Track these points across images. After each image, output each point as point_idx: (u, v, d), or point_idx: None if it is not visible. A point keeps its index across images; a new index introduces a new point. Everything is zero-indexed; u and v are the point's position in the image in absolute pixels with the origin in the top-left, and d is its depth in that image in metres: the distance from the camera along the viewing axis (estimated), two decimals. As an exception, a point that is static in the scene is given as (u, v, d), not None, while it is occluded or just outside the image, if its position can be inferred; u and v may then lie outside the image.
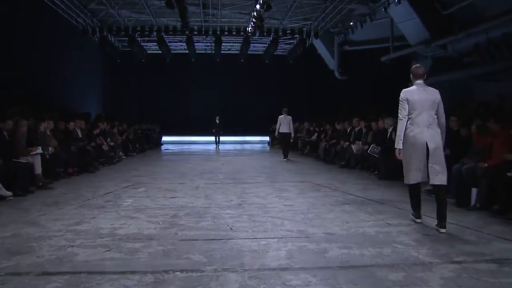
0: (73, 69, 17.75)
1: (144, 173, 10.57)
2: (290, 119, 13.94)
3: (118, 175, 10.04)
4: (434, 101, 4.98)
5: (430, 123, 4.93)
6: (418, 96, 5.00)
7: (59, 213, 5.87)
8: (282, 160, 13.79)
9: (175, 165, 12.69)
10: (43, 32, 14.56)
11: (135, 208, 6.16)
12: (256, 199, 6.99)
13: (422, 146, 4.91)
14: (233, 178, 9.69)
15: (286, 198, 7.04)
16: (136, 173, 10.46)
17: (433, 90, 5.09)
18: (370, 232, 4.88)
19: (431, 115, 4.95)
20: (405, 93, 5.06)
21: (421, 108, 4.96)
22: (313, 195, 7.33)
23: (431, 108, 4.96)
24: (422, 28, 13.47)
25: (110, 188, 8.02)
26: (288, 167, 12.02)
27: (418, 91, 5.05)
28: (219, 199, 6.95)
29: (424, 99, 4.98)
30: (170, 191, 7.77)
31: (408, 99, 5.01)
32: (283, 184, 8.71)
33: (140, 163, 13.28)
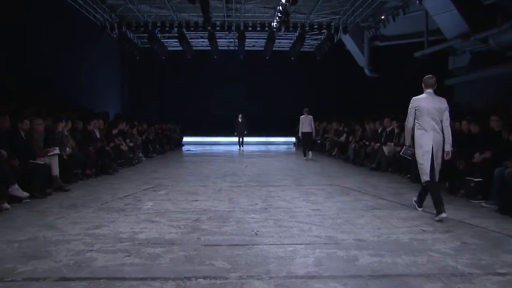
0: (91, 67, 18.04)
1: (165, 175, 10.66)
2: (311, 118, 14.93)
3: (138, 177, 10.16)
4: (441, 108, 5.86)
5: (435, 128, 5.85)
6: (426, 104, 5.89)
7: (77, 216, 5.96)
8: (304, 159, 14.86)
9: (197, 167, 12.76)
10: (60, 29, 14.82)
11: (155, 212, 6.22)
12: (282, 203, 6.98)
13: (428, 148, 5.86)
14: (258, 180, 9.70)
15: (313, 202, 7.01)
16: (157, 175, 10.56)
17: (441, 99, 5.94)
18: (404, 239, 4.81)
19: (437, 121, 5.85)
20: (414, 102, 6.00)
21: (428, 115, 5.87)
22: (342, 199, 7.28)
23: (438, 116, 5.86)
24: (461, 20, 13.18)
25: (130, 191, 8.11)
26: (315, 170, 11.96)
27: (427, 100, 5.93)
28: (243, 203, 6.95)
29: (432, 107, 5.87)
30: (192, 194, 7.81)
31: (417, 106, 5.95)
32: (310, 187, 8.68)
33: (161, 164, 13.39)
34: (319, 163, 13.91)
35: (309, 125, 14.87)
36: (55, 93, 14.30)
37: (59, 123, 9.24)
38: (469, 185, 7.36)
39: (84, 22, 16.99)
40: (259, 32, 20.01)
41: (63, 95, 15.06)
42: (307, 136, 15.06)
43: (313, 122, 15.07)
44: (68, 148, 9.19)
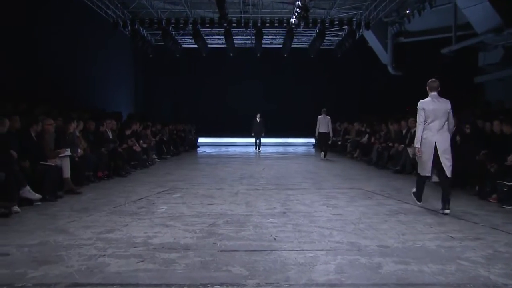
0: (103, 65, 18.23)
1: (180, 177, 10.72)
2: (329, 119, 15.88)
3: (152, 180, 10.22)
4: (446, 110, 6.63)
5: (440, 128, 6.60)
6: (432, 106, 6.66)
7: (89, 220, 6.02)
8: (321, 159, 15.68)
9: (213, 169, 12.80)
10: (70, 27, 14.96)
11: (170, 216, 6.25)
12: (301, 207, 6.97)
13: (431, 146, 6.58)
14: (276, 183, 9.69)
15: (334, 206, 6.99)
16: (171, 178, 10.62)
17: (445, 100, 6.71)
18: (430, 246, 4.75)
19: (442, 121, 6.61)
20: (421, 104, 6.77)
21: (434, 116, 6.63)
22: (364, 203, 7.25)
23: (443, 116, 6.62)
24: (493, 13, 12.95)
25: (143, 194, 8.16)
26: (336, 172, 11.91)
27: (432, 102, 6.70)
28: (261, 207, 6.95)
29: (437, 109, 6.64)
30: (207, 197, 7.84)
31: (424, 108, 6.69)
32: (331, 191, 8.65)
33: (175, 166, 13.47)
34: (340, 165, 13.84)
35: (327, 125, 15.76)
36: (66, 92, 14.46)
37: (71, 123, 9.32)
38: (502, 189, 7.24)
39: (95, 19, 17.14)
40: (277, 28, 19.99)
41: (74, 95, 15.23)
42: (324, 137, 15.96)
43: (330, 122, 15.92)
44: (80, 150, 9.28)
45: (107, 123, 11.42)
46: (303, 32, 21.89)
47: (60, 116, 9.76)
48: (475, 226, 5.43)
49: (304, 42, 23.54)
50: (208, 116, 23.99)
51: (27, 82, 12.17)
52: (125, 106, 20.97)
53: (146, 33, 21.71)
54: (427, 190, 8.96)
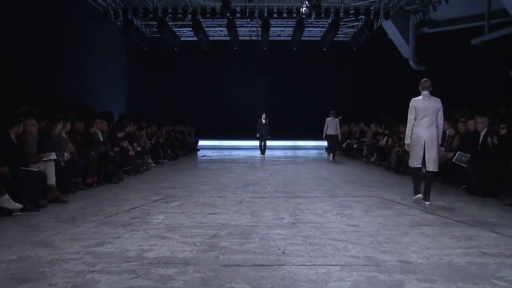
0: (92, 60, 18.22)
1: (178, 184, 10.73)
2: (337, 121, 17.47)
3: (147, 187, 10.24)
4: (436, 108, 7.96)
5: (430, 126, 7.94)
6: (423, 104, 8.01)
7: (76, 231, 6.01)
8: (330, 161, 17.10)
9: (214, 175, 12.81)
10: (56, 16, 14.89)
11: (167, 227, 6.24)
12: (312, 217, 6.96)
13: (421, 141, 7.99)
14: (284, 191, 9.69)
15: (349, 217, 6.97)
16: (168, 184, 10.63)
17: (436, 99, 8.04)
18: (459, 263, 4.72)
19: (432, 119, 7.95)
20: (413, 102, 8.12)
21: (424, 114, 7.97)
22: (383, 214, 7.22)
23: (433, 114, 7.96)
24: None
25: (137, 202, 8.17)
26: (351, 179, 11.90)
27: (423, 100, 8.05)
28: (268, 217, 6.95)
29: (428, 107, 7.97)
30: (208, 206, 7.84)
31: (415, 106, 8.06)
32: (345, 199, 8.64)
33: (173, 172, 13.50)
34: (355, 170, 13.81)
35: (335, 128, 17.34)
36: (51, 89, 14.44)
37: (56, 124, 9.26)
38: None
39: (84, 8, 17.11)
40: (285, 19, 20.01)
41: (60, 92, 15.21)
42: (332, 139, 17.59)
43: (339, 125, 17.57)
44: (66, 153, 9.26)
45: (97, 124, 11.42)
46: (315, 23, 21.88)
47: (44, 116, 9.76)
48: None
49: (316, 34, 23.54)
50: (209, 116, 24.02)
51: (7, 78, 12.10)
52: (117, 105, 20.98)
53: (140, 23, 21.75)
54: (457, 197, 8.95)
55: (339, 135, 17.85)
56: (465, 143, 10.31)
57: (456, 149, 10.43)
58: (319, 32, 23.24)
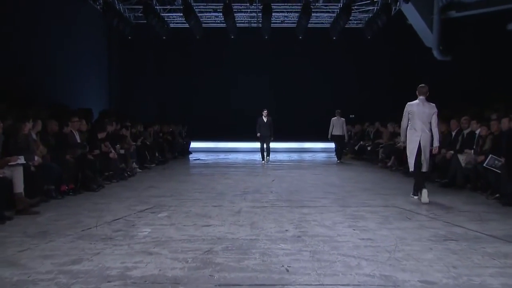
0: (68, 49, 18.04)
1: (167, 192, 10.73)
2: (343, 121, 18.62)
3: (131, 195, 10.24)
4: (430, 113, 9.39)
5: (423, 129, 9.39)
6: (417, 109, 9.42)
7: (48, 247, 5.99)
8: (336, 163, 18.23)
9: (209, 181, 12.81)
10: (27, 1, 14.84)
11: (154, 241, 6.25)
12: (320, 229, 6.96)
13: (415, 145, 9.42)
14: (289, 199, 9.71)
15: (363, 229, 6.97)
16: (156, 192, 10.64)
17: (431, 105, 9.44)
18: (493, 284, 4.72)
19: (425, 123, 9.38)
20: (408, 106, 9.61)
21: (418, 118, 9.40)
22: (402, 226, 7.21)
23: (427, 119, 9.38)
24: None
25: (120, 213, 8.17)
26: (365, 186, 11.91)
27: (418, 105, 9.45)
28: (270, 229, 6.95)
29: (422, 112, 9.39)
30: (202, 217, 7.85)
31: (410, 110, 9.52)
32: (358, 209, 8.65)
33: (161, 178, 13.50)
34: (370, 176, 13.80)
35: (341, 127, 18.56)
36: (19, 83, 14.29)
37: (25, 123, 9.17)
38: None
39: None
40: (290, 3, 19.99)
41: (31, 87, 15.02)
42: (339, 140, 18.80)
43: (345, 125, 18.76)
44: (37, 157, 9.22)
45: (73, 123, 11.39)
46: (323, 7, 21.90)
47: (10, 113, 9.71)
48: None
49: (325, 20, 23.55)
50: (202, 114, 24.01)
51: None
52: (96, 101, 20.91)
53: (123, 8, 21.70)
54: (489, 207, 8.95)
55: (345, 135, 19.16)
56: (499, 144, 10.17)
57: (488, 152, 10.37)
58: (328, 18, 23.25)
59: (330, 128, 18.62)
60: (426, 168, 9.64)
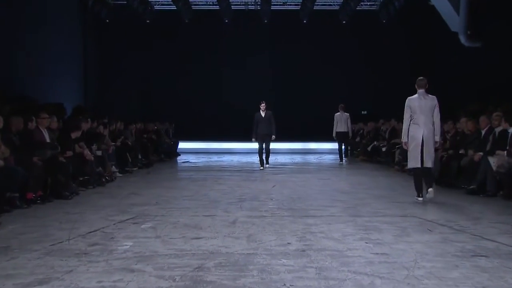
0: (36, 34, 18.02)
1: (151, 199, 10.72)
2: (347, 116, 19.42)
3: (110, 203, 10.22)
4: (432, 106, 10.30)
5: (426, 124, 10.21)
6: (418, 103, 10.31)
7: (10, 265, 5.91)
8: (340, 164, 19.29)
9: (200, 187, 12.84)
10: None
11: (137, 256, 6.22)
12: (327, 242, 6.94)
13: (418, 140, 10.21)
14: (291, 208, 9.71)
15: (377, 243, 6.94)
16: (139, 200, 10.63)
17: (432, 97, 10.42)
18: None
19: (428, 117, 10.23)
20: (408, 101, 10.51)
21: (420, 112, 10.24)
22: (422, 239, 7.18)
23: (429, 112, 10.25)
24: None
25: (97, 224, 8.11)
26: (379, 192, 11.94)
27: (419, 99, 10.37)
28: (270, 242, 6.92)
29: (423, 105, 10.27)
30: (192, 228, 7.83)
31: (410, 105, 10.40)
32: (372, 219, 8.64)
33: (145, 183, 13.53)
34: (385, 181, 13.82)
35: (345, 123, 19.38)
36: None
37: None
38: None
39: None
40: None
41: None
42: (343, 137, 19.66)
43: (349, 120, 19.56)
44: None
45: (42, 120, 11.33)
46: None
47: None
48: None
49: (333, 1, 23.57)
50: (192, 110, 24.07)
51: None
52: (69, 95, 20.91)
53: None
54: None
55: (350, 131, 19.93)
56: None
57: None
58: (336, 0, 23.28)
59: (334, 125, 19.40)
60: (431, 163, 10.42)
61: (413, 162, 10.46)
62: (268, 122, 17.71)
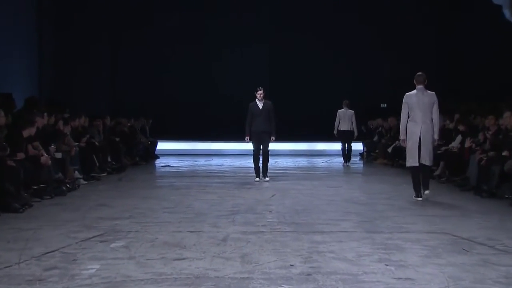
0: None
1: (124, 212, 10.74)
2: (352, 113, 20.79)
3: (72, 217, 10.20)
4: (430, 102, 11.81)
5: (424, 120, 11.72)
6: (416, 99, 11.89)
7: None
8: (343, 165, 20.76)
9: (183, 196, 12.90)
10: None
11: (105, 282, 6.21)
12: (339, 264, 6.94)
13: (416, 138, 11.73)
14: (294, 222, 9.75)
15: (399, 265, 6.93)
16: (108, 213, 10.65)
17: (431, 93, 11.96)
18: None
19: (426, 114, 11.73)
20: (406, 97, 12.08)
21: (418, 109, 11.78)
22: (456, 261, 7.16)
23: (427, 108, 11.76)
24: None
25: (56, 243, 8.08)
26: (402, 203, 11.96)
27: (417, 95, 11.92)
28: (268, 264, 6.92)
29: (421, 102, 11.82)
30: (173, 246, 7.82)
31: (408, 102, 11.98)
32: (393, 235, 8.65)
33: (116, 192, 13.59)
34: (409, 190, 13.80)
35: (349, 121, 20.76)
36: None
37: None
38: None
39: None
40: None
41: None
42: (346, 136, 21.03)
43: (354, 118, 20.88)
44: None
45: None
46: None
47: None
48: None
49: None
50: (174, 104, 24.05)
51: None
52: (20, 84, 20.73)
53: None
54: None
55: (355, 130, 21.06)
56: None
57: None
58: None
59: (336, 122, 20.83)
60: (430, 162, 12.12)
61: (411, 160, 12.03)
62: (266, 116, 16.13)
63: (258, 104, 16.16)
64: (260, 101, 16.15)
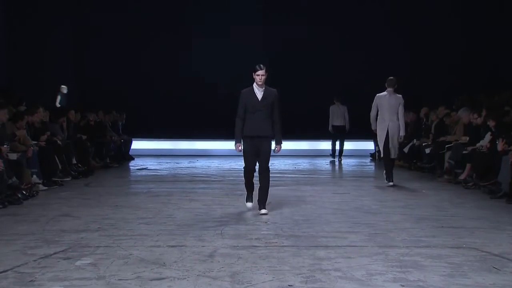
0: None
1: (92, 223, 10.74)
2: (345, 109, 24.01)
3: (30, 229, 10.19)
4: (397, 104, 16.42)
5: (391, 119, 16.40)
6: (385, 100, 16.42)
7: None
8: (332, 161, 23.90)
9: (162, 204, 12.96)
10: None
11: (68, 306, 6.18)
12: (346, 284, 6.95)
13: (384, 133, 16.45)
14: (294, 235, 9.78)
15: (418, 285, 6.93)
16: (73, 224, 10.63)
17: (398, 96, 16.52)
18: None
19: (392, 114, 16.40)
20: (377, 98, 16.61)
21: (386, 110, 16.39)
22: (485, 282, 7.14)
23: (394, 109, 16.41)
24: None
25: (9, 261, 8.05)
26: (420, 213, 12.02)
27: (385, 97, 16.42)
28: (263, 284, 6.93)
29: (388, 103, 16.35)
30: (151, 264, 7.80)
31: (378, 103, 16.56)
32: (410, 251, 8.66)
33: (82, 200, 13.59)
34: (430, 197, 13.85)
35: (342, 117, 24.04)
36: None
37: None
38: None
39: None
40: None
41: None
42: (339, 131, 24.31)
43: (347, 113, 24.09)
44: None
45: None
46: None
47: None
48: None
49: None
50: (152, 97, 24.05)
51: None
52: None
53: None
54: None
55: (347, 125, 24.41)
56: None
57: None
58: None
59: (330, 118, 23.87)
60: (394, 154, 16.59)
61: (382, 152, 16.65)
62: (268, 111, 12.41)
63: (256, 92, 12.30)
64: (260, 88, 12.27)
